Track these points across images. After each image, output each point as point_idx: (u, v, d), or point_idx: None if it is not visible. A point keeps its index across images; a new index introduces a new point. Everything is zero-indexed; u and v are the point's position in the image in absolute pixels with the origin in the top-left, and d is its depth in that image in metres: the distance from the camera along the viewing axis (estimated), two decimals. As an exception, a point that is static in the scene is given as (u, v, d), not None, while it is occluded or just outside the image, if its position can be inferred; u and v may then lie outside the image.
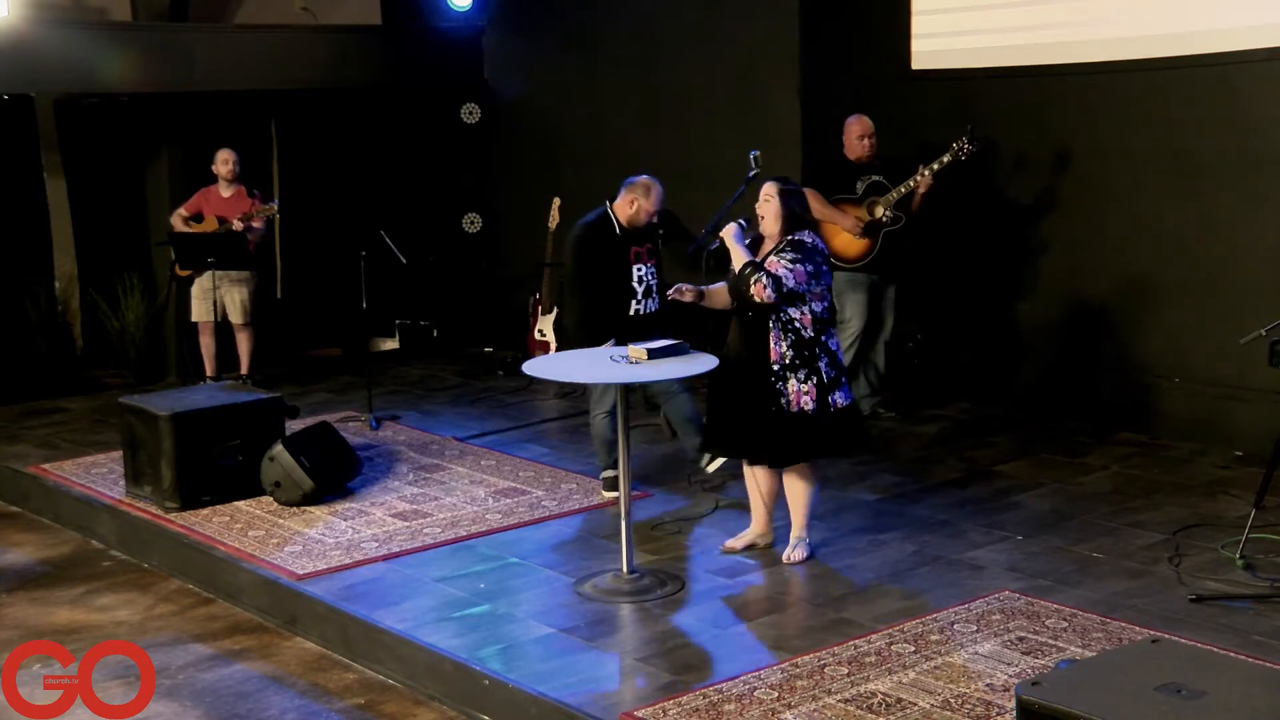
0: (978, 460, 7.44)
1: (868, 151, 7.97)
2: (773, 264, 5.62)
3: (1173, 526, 6.24)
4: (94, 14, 10.46)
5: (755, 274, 5.56)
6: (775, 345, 5.66)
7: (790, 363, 5.66)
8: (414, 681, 5.27)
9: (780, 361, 5.66)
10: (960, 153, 7.66)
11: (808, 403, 5.67)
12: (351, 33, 11.00)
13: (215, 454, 7.06)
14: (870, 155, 7.97)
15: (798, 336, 5.66)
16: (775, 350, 5.66)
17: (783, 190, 5.73)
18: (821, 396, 5.69)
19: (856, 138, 7.98)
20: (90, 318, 10.37)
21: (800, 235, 5.72)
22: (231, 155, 9.36)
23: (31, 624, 6.06)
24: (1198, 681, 3.46)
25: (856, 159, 7.99)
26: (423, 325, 11.18)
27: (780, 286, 5.56)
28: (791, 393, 5.67)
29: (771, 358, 5.66)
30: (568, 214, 9.68)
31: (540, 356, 7.04)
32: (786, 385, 5.67)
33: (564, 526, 6.63)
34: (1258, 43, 7.09)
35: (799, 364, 5.66)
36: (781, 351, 5.66)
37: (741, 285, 5.61)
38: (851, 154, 8.00)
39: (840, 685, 4.75)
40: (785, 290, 5.57)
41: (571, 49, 10.71)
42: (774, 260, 5.64)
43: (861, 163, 7.97)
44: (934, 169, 7.72)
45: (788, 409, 5.67)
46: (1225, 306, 7.35)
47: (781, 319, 5.65)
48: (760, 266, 5.59)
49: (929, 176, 7.74)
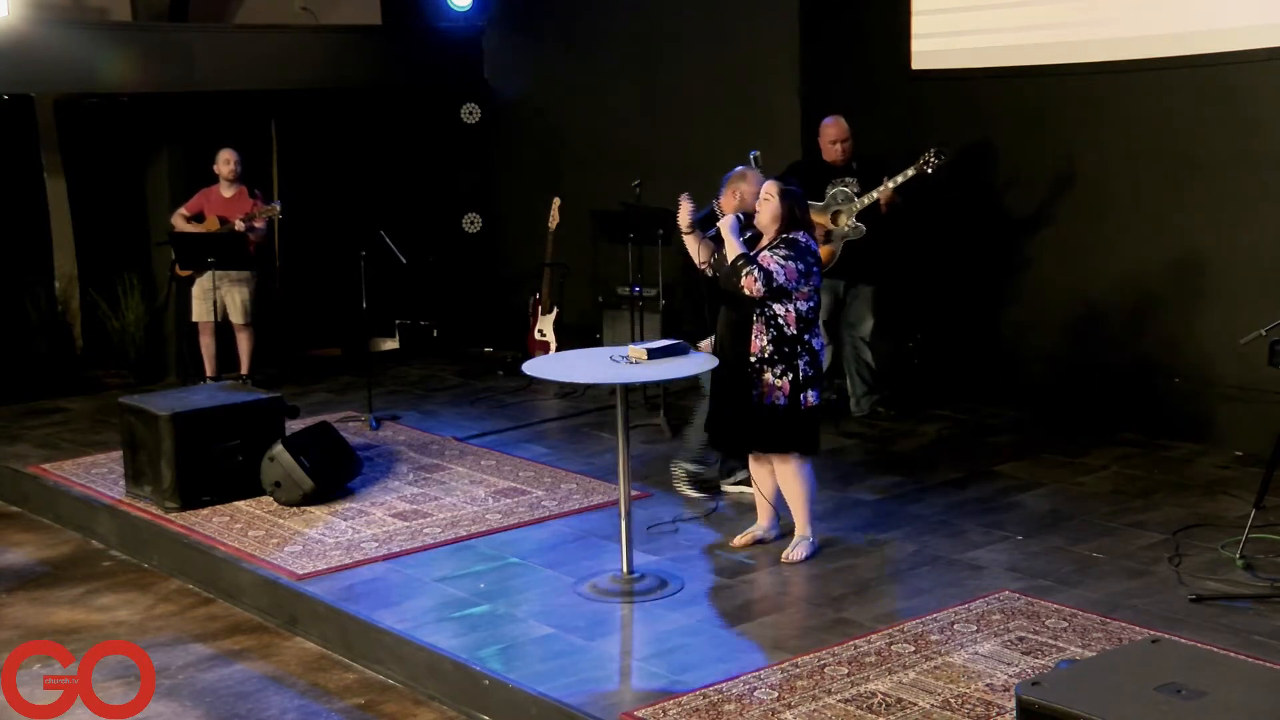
0: (978, 460, 7.44)
1: (841, 155, 7.96)
2: (765, 259, 5.70)
3: (1173, 526, 6.24)
4: (94, 14, 10.46)
5: (747, 266, 5.65)
6: (756, 338, 5.77)
7: (769, 356, 5.76)
8: (414, 681, 5.27)
9: (759, 355, 5.77)
10: (926, 166, 7.63)
11: (779, 397, 5.78)
12: (351, 33, 11.01)
13: (215, 454, 7.06)
14: (844, 159, 7.96)
15: (779, 333, 5.76)
16: (756, 343, 5.77)
17: (783, 191, 5.81)
18: (794, 393, 5.80)
19: (829, 141, 7.98)
20: (90, 318, 10.37)
21: (795, 235, 5.77)
22: (233, 155, 9.36)
23: (31, 624, 6.06)
24: (1198, 681, 3.46)
25: (831, 161, 7.98)
26: (423, 325, 11.18)
27: (770, 281, 5.65)
28: (765, 385, 5.76)
29: (752, 349, 5.77)
30: (568, 214, 9.70)
31: (540, 356, 7.04)
32: (761, 378, 5.77)
33: (564, 526, 6.64)
34: (1258, 43, 7.09)
35: (777, 359, 5.76)
36: (762, 345, 5.76)
37: (733, 276, 5.71)
38: (826, 156, 8.00)
39: (840, 685, 4.75)
40: (774, 285, 5.67)
41: (571, 49, 10.71)
42: (767, 255, 5.72)
43: (836, 166, 7.96)
44: (897, 182, 7.71)
45: (758, 400, 5.78)
46: (1225, 306, 7.35)
47: (765, 314, 5.75)
48: (752, 259, 5.68)
49: (890, 191, 7.75)
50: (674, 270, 7.34)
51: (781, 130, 9.10)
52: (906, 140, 8.20)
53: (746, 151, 7.07)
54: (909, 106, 8.62)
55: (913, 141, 8.19)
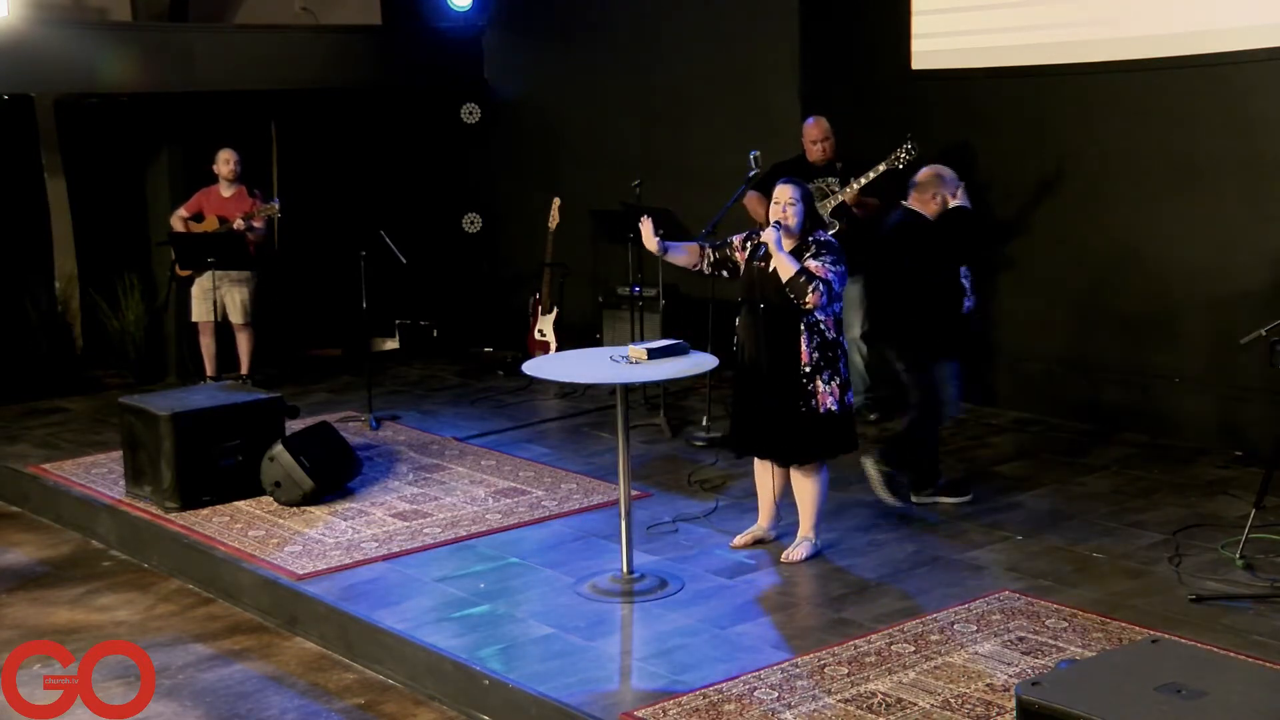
0: (978, 460, 7.44)
1: (822, 155, 7.99)
2: (819, 269, 5.69)
3: (1173, 526, 6.24)
4: (94, 14, 10.47)
5: (812, 282, 5.65)
6: (806, 347, 5.75)
7: (818, 364, 5.77)
8: (414, 681, 5.27)
9: (811, 363, 5.77)
10: (896, 161, 7.63)
11: (832, 403, 5.80)
12: (351, 33, 11.01)
13: (215, 454, 7.06)
14: (826, 158, 7.99)
15: (823, 338, 5.78)
16: (806, 353, 5.76)
17: (804, 194, 5.80)
18: (842, 395, 5.85)
19: (810, 141, 8.03)
20: (90, 318, 10.37)
21: (821, 235, 5.83)
22: (233, 155, 9.36)
23: (31, 624, 6.06)
24: (1198, 681, 3.46)
25: (813, 161, 8.02)
26: (423, 325, 11.19)
27: (832, 291, 5.70)
28: (819, 393, 5.78)
29: (802, 360, 5.76)
30: (568, 214, 9.70)
31: (540, 356, 7.04)
32: (814, 386, 5.77)
33: (564, 526, 6.64)
34: (1258, 43, 7.09)
35: (824, 365, 5.78)
36: (812, 353, 5.76)
37: (797, 294, 5.68)
38: (810, 156, 8.05)
39: (840, 685, 4.75)
40: (836, 293, 5.73)
41: (571, 49, 10.71)
42: (817, 265, 5.70)
43: (818, 165, 7.99)
44: (863, 181, 7.74)
45: (816, 409, 5.78)
46: (1225, 306, 7.34)
47: (809, 321, 5.75)
48: (813, 275, 5.66)
49: (854, 192, 7.78)
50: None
51: (781, 130, 9.08)
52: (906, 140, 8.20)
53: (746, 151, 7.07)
54: (909, 106, 8.61)
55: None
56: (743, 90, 9.52)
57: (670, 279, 8.95)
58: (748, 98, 9.48)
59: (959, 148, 8.21)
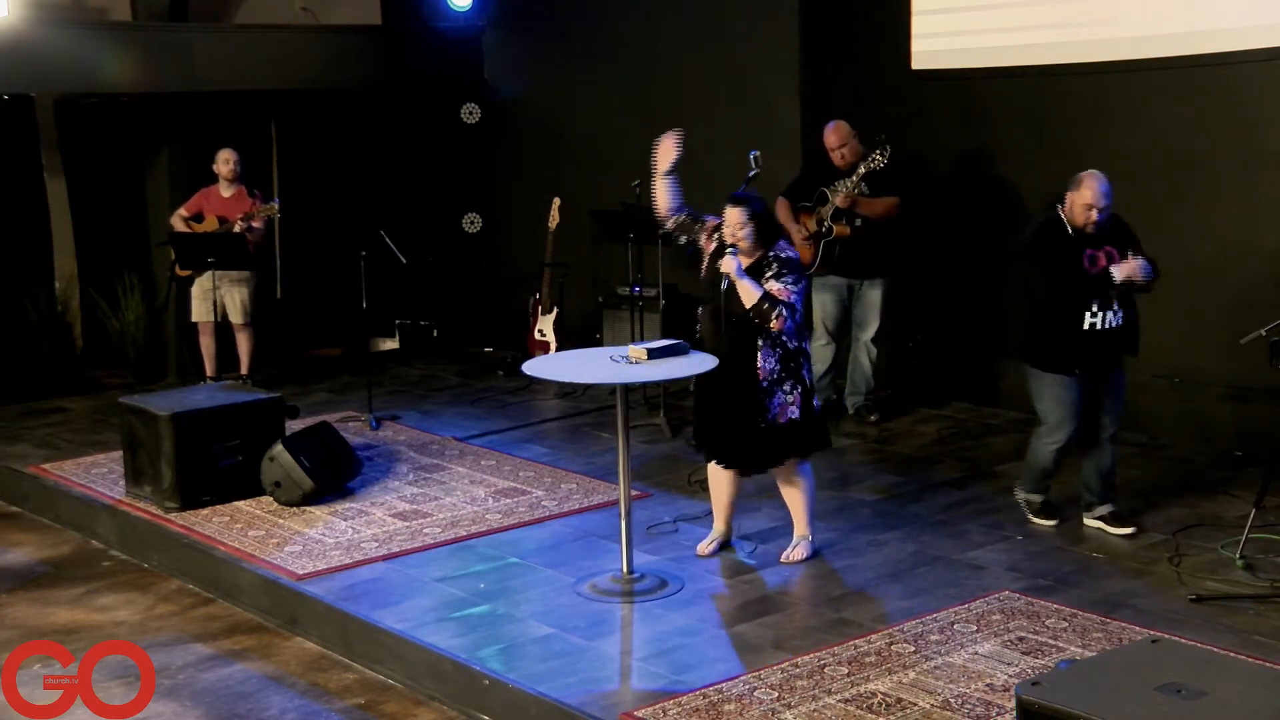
0: (978, 460, 7.44)
1: (844, 160, 7.98)
2: (780, 291, 5.65)
3: (1173, 526, 6.24)
4: (94, 14, 10.46)
5: (774, 308, 5.61)
6: (764, 362, 5.73)
7: (778, 377, 5.74)
8: (414, 681, 5.27)
9: (768, 377, 5.73)
10: (874, 164, 7.67)
11: (794, 412, 5.77)
12: (351, 33, 11.01)
13: (215, 454, 7.06)
14: (848, 163, 7.96)
15: (784, 350, 5.75)
16: (764, 367, 5.73)
17: (751, 213, 5.72)
18: (805, 402, 5.80)
19: (830, 148, 8.03)
20: (90, 318, 10.37)
21: (782, 250, 5.77)
22: (232, 155, 9.35)
23: (31, 624, 6.06)
24: (1198, 681, 3.45)
25: (837, 165, 8.01)
26: (423, 325, 11.19)
27: (795, 313, 5.67)
28: (778, 406, 5.75)
29: (760, 374, 5.72)
30: (568, 214, 9.69)
31: (540, 356, 7.04)
32: (773, 400, 5.74)
33: (564, 526, 6.63)
34: (1258, 43, 7.09)
35: (785, 375, 5.75)
36: (771, 367, 5.73)
37: (761, 319, 5.65)
38: (834, 163, 8.03)
39: (840, 685, 4.75)
40: (798, 314, 5.69)
41: (571, 49, 10.70)
42: (779, 288, 5.66)
43: (841, 169, 7.99)
44: (848, 188, 7.79)
45: (775, 421, 5.76)
46: (1225, 307, 7.34)
47: (770, 335, 5.71)
48: (776, 300, 5.62)
49: (846, 195, 7.81)
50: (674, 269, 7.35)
51: (781, 130, 9.11)
52: (907, 140, 8.20)
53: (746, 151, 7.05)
54: (909, 106, 8.61)
55: (913, 141, 8.20)
56: (743, 90, 9.52)
57: (670, 279, 8.95)
58: (748, 98, 9.48)
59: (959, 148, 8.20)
